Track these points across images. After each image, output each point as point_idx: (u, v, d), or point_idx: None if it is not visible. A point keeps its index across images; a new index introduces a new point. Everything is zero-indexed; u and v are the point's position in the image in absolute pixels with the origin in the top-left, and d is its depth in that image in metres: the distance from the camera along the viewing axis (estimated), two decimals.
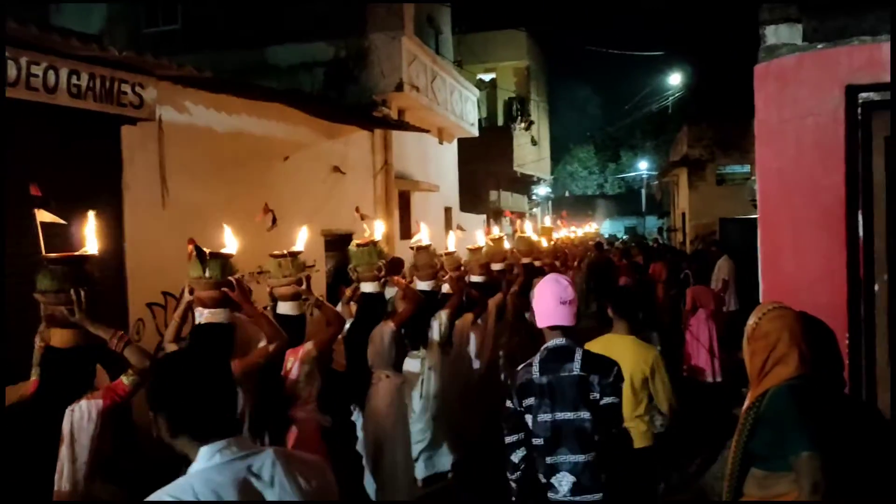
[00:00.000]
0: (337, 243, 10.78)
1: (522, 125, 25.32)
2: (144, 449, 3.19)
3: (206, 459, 1.81)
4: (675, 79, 30.58)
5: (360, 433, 5.17)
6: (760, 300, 3.30)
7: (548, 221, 15.57)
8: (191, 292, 3.66)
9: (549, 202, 34.85)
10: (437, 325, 5.56)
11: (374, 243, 4.97)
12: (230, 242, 3.86)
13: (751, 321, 2.88)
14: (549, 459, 3.14)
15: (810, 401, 2.75)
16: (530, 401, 3.20)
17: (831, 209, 3.13)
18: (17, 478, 2.85)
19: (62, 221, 3.41)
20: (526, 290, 6.92)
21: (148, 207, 6.99)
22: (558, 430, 3.14)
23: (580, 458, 3.10)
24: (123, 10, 13.53)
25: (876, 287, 3.28)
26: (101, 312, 3.08)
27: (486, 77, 25.61)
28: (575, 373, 3.16)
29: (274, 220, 4.74)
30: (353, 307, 5.43)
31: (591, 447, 3.10)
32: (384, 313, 5.16)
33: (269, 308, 4.29)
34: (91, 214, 3.38)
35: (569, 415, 3.14)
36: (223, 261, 3.65)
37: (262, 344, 3.73)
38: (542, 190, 31.29)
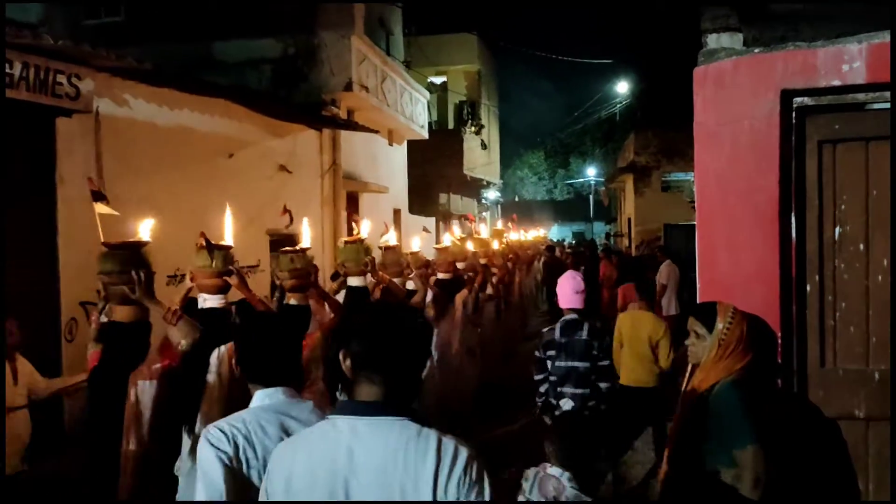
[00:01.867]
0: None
1: (473, 129, 25.41)
2: None
3: (259, 400, 2.35)
4: (622, 87, 31.07)
5: None
6: (698, 298, 3.34)
7: (499, 225, 15.73)
8: (191, 280, 3.95)
9: (499, 206, 35.03)
10: None
11: (361, 241, 5.25)
12: (229, 236, 4.15)
13: (720, 325, 2.91)
14: (559, 390, 4.88)
15: (754, 396, 2.81)
16: (551, 352, 4.97)
17: (765, 210, 3.18)
18: (88, 437, 3.32)
19: (117, 213, 3.94)
20: (483, 287, 7.99)
21: (83, 202, 6.73)
22: (567, 373, 4.88)
23: (578, 391, 4.84)
24: None
25: (808, 287, 3.36)
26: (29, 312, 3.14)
27: (437, 80, 25.64)
28: (583, 338, 4.88)
29: (291, 220, 5.15)
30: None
31: (586, 385, 4.84)
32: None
33: (275, 299, 4.52)
34: (148, 220, 3.80)
35: (576, 363, 4.86)
36: (225, 252, 3.95)
37: None
38: (491, 194, 31.43)
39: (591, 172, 44.22)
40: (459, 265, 7.73)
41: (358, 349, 1.85)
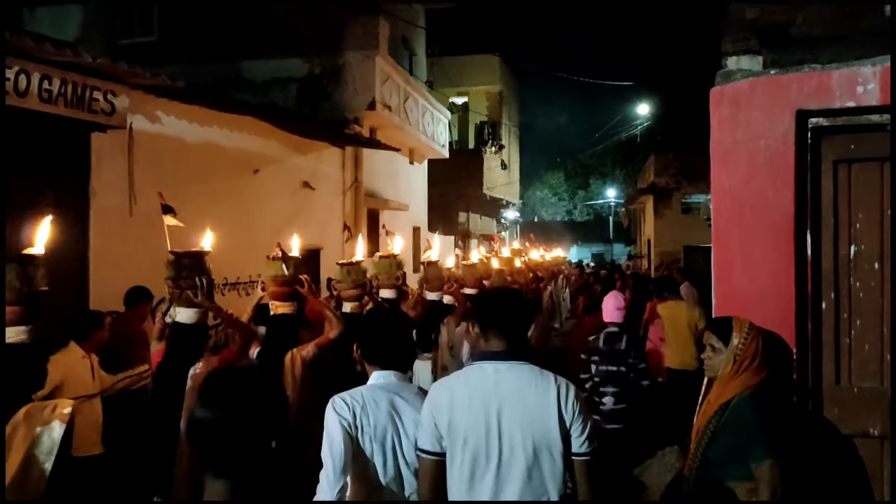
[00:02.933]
0: (304, 258, 10.78)
1: (493, 149, 25.56)
2: None
3: (374, 380, 2.84)
4: (643, 109, 31.13)
5: None
6: (713, 313, 3.42)
7: (516, 245, 15.89)
8: (263, 288, 4.39)
9: (518, 226, 35.11)
10: (445, 331, 5.86)
11: (394, 256, 5.49)
12: (296, 249, 4.55)
13: (736, 340, 2.99)
14: (601, 389, 5.65)
15: (771, 411, 2.88)
16: (595, 357, 5.75)
17: (780, 227, 3.26)
18: (154, 426, 3.61)
19: (183, 225, 4.28)
20: None
21: (115, 215, 6.97)
22: (608, 375, 5.66)
23: (616, 389, 5.62)
24: (99, 19, 13.51)
25: (823, 304, 3.42)
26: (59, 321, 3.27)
27: (459, 100, 25.88)
28: (622, 347, 5.68)
29: (350, 235, 5.46)
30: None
31: (624, 385, 5.61)
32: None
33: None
34: (209, 232, 4.13)
35: (613, 368, 5.65)
36: (295, 263, 4.30)
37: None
38: (510, 213, 31.54)
39: (612, 194, 44.19)
40: (485, 282, 8.03)
41: (486, 314, 2.72)
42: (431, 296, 6.02)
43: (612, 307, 5.81)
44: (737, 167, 3.31)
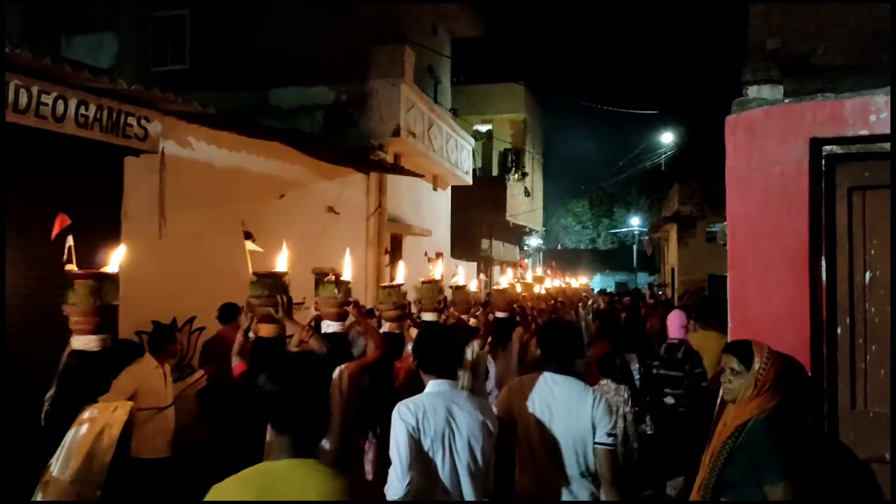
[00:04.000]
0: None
1: (516, 176, 25.67)
2: None
3: (431, 388, 3.28)
4: (667, 137, 31.16)
5: None
6: (729, 337, 3.47)
7: (539, 272, 15.94)
8: (316, 308, 4.66)
9: (541, 253, 35.10)
10: (470, 352, 5.94)
11: (435, 281, 5.75)
12: (348, 273, 4.81)
13: (757, 364, 3.04)
14: (665, 390, 6.38)
15: (787, 433, 2.92)
16: (656, 363, 6.58)
17: (795, 253, 3.31)
18: (235, 438, 3.86)
19: (262, 250, 4.62)
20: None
21: (145, 237, 7.16)
22: (666, 379, 6.39)
23: (676, 391, 6.29)
24: (133, 47, 13.91)
25: (838, 329, 3.46)
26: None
27: (483, 128, 26.07)
28: (679, 356, 6.37)
29: (390, 259, 5.77)
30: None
31: (680, 387, 6.26)
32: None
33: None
34: (286, 252, 4.48)
35: (672, 373, 6.36)
36: (346, 286, 4.59)
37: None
38: (533, 241, 31.56)
39: (636, 222, 44.05)
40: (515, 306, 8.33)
41: (546, 341, 3.70)
42: (427, 316, 5.93)
43: (676, 325, 6.72)
44: (752, 194, 3.38)
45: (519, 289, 9.77)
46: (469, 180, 18.17)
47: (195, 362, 7.25)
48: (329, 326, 4.49)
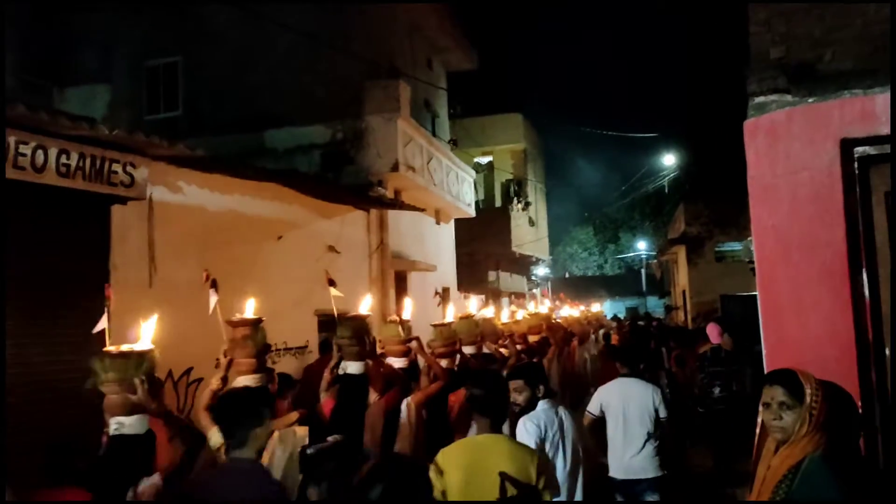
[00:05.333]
0: (331, 323, 10.58)
1: (520, 206, 25.45)
2: None
3: (542, 406, 4.25)
4: (669, 159, 30.91)
5: None
6: (764, 364, 3.13)
7: (548, 303, 15.64)
8: (381, 347, 5.26)
9: (549, 282, 34.73)
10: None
11: (472, 316, 6.63)
12: (408, 313, 5.59)
13: (808, 398, 2.70)
14: (714, 383, 8.05)
15: (848, 471, 2.57)
16: (705, 363, 8.29)
17: (832, 266, 2.99)
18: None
19: (342, 295, 5.44)
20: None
21: (135, 287, 6.85)
22: (714, 374, 8.11)
23: (720, 382, 8.02)
24: (126, 97, 13.78)
25: (886, 350, 3.12)
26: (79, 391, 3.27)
27: (484, 160, 25.91)
28: (722, 356, 8.13)
29: (441, 300, 6.29)
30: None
31: (726, 380, 7.99)
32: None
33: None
34: (368, 298, 5.21)
35: (717, 369, 8.11)
36: (408, 326, 5.27)
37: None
38: (540, 270, 31.21)
39: (642, 246, 43.69)
40: (532, 337, 8.90)
41: (619, 354, 6.35)
42: (467, 349, 6.52)
43: (716, 333, 8.58)
44: (779, 203, 3.06)
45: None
46: (472, 212, 17.90)
47: None
48: (394, 363, 5.08)
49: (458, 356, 5.95)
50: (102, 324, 3.82)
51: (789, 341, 3.12)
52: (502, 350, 7.26)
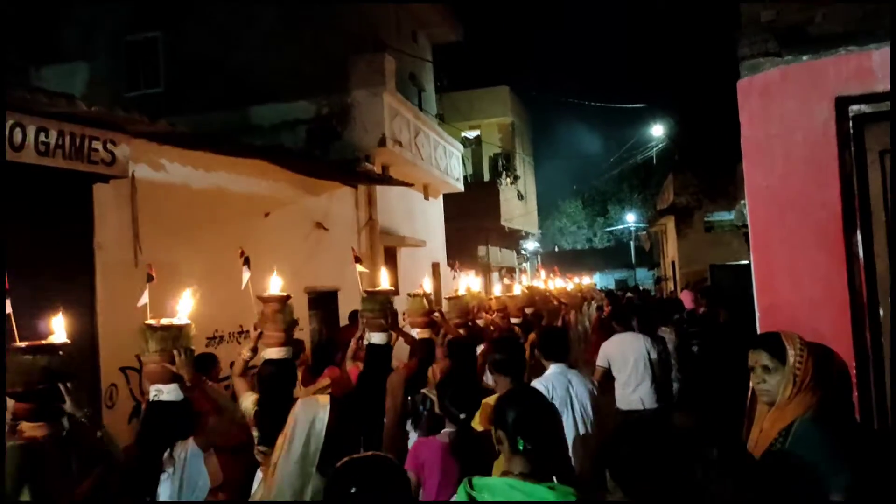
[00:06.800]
0: (320, 301, 10.52)
1: (508, 180, 25.35)
2: None
3: (552, 370, 4.63)
4: (657, 130, 30.81)
5: None
6: (757, 327, 3.09)
7: (543, 276, 15.61)
8: (404, 319, 5.66)
9: (539, 256, 34.73)
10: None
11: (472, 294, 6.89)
12: (428, 286, 5.78)
13: (792, 357, 2.66)
14: (692, 342, 8.80)
15: (839, 433, 2.54)
16: (683, 324, 9.44)
17: (827, 228, 2.94)
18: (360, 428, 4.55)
19: (367, 270, 5.67)
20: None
21: (120, 267, 6.76)
22: (691, 333, 8.98)
23: (698, 341, 8.81)
24: (105, 74, 13.55)
25: (881, 311, 3.08)
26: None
27: (471, 134, 25.74)
28: (697, 318, 9.89)
29: (457, 272, 6.19)
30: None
31: (700, 338, 8.89)
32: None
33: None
34: (385, 273, 5.51)
35: (693, 329, 9.27)
36: (429, 299, 5.54)
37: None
38: (530, 244, 31.19)
39: (631, 218, 43.72)
40: (528, 310, 8.81)
41: (618, 318, 7.47)
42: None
43: (689, 299, 10.02)
44: (773, 164, 3.00)
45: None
46: (461, 187, 17.80)
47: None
48: (419, 333, 5.41)
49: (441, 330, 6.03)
50: (145, 299, 3.96)
51: (783, 304, 3.07)
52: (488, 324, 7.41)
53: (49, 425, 2.98)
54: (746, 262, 10.41)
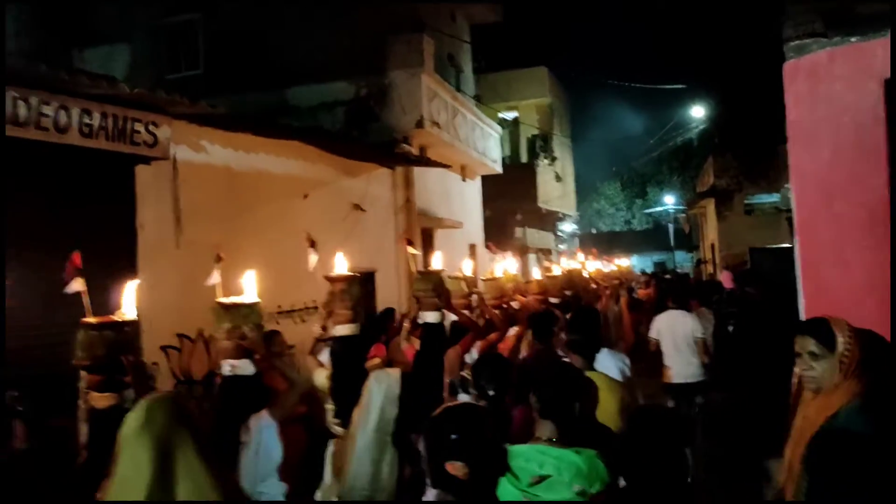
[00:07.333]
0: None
1: (546, 161, 25.16)
2: None
3: (603, 353, 4.65)
4: (697, 111, 30.28)
5: None
6: (802, 314, 3.03)
7: (581, 258, 15.55)
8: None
9: (576, 238, 34.50)
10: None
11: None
12: (468, 269, 5.86)
13: (841, 343, 2.60)
14: (729, 322, 9.01)
15: (889, 421, 2.48)
16: (721, 303, 9.70)
17: (875, 213, 2.87)
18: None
19: (419, 252, 5.74)
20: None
21: (162, 248, 6.88)
22: (728, 313, 9.13)
23: (734, 321, 8.89)
24: (146, 56, 13.72)
25: None
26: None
27: (509, 115, 25.56)
28: (735, 298, 9.83)
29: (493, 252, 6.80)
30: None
31: (738, 319, 9.03)
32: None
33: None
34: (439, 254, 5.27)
35: (732, 309, 9.25)
36: (469, 281, 5.64)
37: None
38: (567, 226, 30.98)
39: (670, 201, 43.13)
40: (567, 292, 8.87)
41: (673, 295, 8.55)
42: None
43: (728, 279, 9.93)
44: (820, 148, 2.93)
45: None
46: (498, 168, 17.73)
47: None
48: (452, 315, 5.35)
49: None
50: (215, 278, 3.99)
51: (829, 290, 3.02)
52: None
53: (114, 396, 3.06)
54: (787, 245, 10.22)
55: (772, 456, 3.14)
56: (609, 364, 4.71)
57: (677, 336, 7.30)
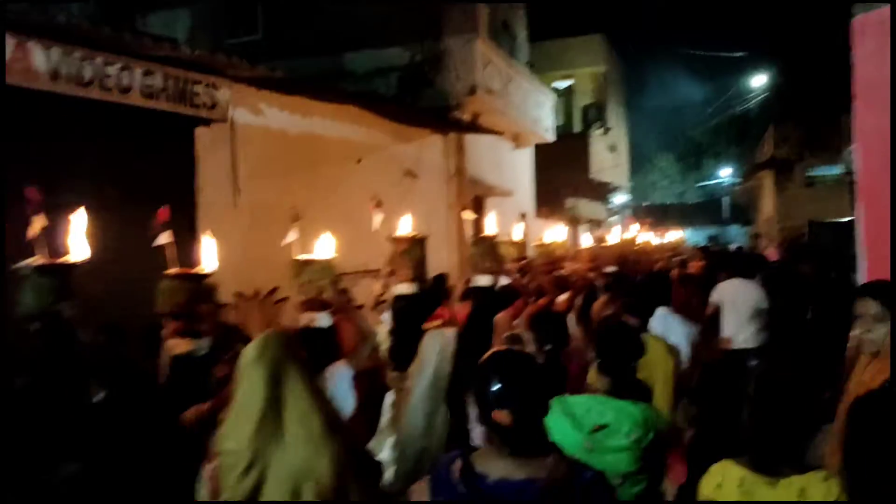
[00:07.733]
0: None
1: (600, 131, 24.81)
2: None
3: (658, 312, 4.91)
4: (758, 80, 29.42)
5: None
6: (865, 277, 2.98)
7: (634, 230, 15.42)
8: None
9: (628, 210, 34.07)
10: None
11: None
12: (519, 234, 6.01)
13: None
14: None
15: None
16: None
17: None
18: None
19: (475, 216, 6.20)
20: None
21: (220, 208, 7.04)
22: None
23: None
24: (206, 21, 13.90)
25: None
26: None
27: (563, 84, 25.22)
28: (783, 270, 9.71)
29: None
30: None
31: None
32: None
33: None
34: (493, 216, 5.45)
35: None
36: (521, 246, 5.92)
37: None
38: (619, 198, 30.59)
39: (725, 173, 42.16)
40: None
41: (734, 267, 7.80)
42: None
43: (775, 254, 9.37)
44: (886, 105, 2.85)
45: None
46: (551, 137, 17.55)
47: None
48: (503, 279, 5.40)
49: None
50: (292, 236, 4.23)
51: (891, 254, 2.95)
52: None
53: (191, 341, 3.33)
54: (849, 218, 9.92)
55: (824, 422, 3.11)
56: (679, 331, 4.90)
57: (738, 302, 7.30)
